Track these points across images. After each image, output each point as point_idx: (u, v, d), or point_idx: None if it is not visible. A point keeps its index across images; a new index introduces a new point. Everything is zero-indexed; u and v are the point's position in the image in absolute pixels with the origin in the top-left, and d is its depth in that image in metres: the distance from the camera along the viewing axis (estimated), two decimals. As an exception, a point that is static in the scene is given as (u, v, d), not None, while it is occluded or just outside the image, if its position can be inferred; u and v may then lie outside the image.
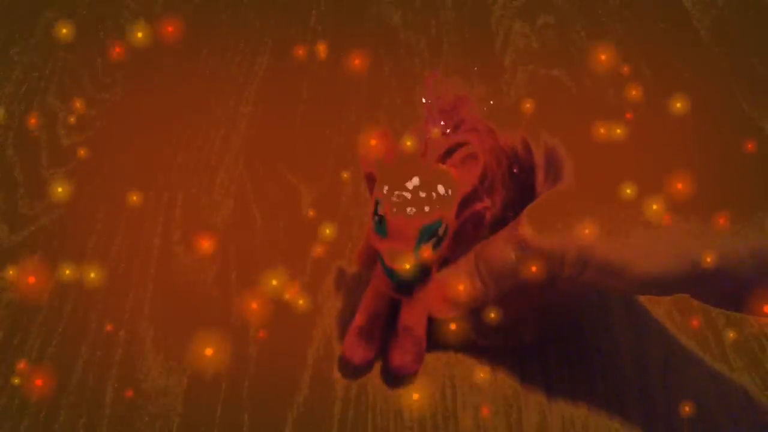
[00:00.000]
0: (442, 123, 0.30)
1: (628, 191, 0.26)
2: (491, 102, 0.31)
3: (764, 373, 0.33)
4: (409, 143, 0.28)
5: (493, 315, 0.30)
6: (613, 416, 0.32)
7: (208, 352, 0.32)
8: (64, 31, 0.47)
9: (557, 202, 0.28)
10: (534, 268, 0.27)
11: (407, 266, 0.28)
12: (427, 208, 0.27)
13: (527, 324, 0.33)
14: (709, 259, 0.24)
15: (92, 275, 0.35)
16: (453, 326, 0.31)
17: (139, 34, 0.38)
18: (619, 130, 0.28)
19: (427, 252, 0.28)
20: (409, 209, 0.27)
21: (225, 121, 0.46)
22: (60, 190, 0.37)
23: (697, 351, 0.34)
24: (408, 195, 0.27)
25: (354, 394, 0.33)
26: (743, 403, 0.32)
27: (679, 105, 0.30)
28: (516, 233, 0.28)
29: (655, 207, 0.26)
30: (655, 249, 0.25)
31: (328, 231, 0.35)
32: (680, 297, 0.36)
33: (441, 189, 0.27)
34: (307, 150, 0.44)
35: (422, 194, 0.27)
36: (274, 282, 0.35)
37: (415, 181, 0.27)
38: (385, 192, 0.27)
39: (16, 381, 0.33)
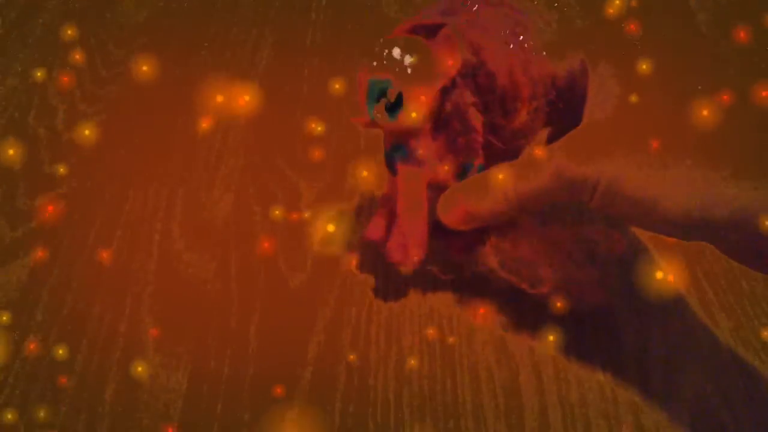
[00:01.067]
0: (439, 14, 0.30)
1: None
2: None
3: (765, 369, 0.33)
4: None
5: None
6: (614, 413, 0.32)
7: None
8: (69, 32, 0.47)
9: (597, 132, 0.28)
10: (564, 192, 0.27)
11: (366, 121, 0.29)
12: (375, 63, 0.28)
13: (546, 269, 0.32)
14: (736, 208, 0.24)
15: (86, 132, 0.35)
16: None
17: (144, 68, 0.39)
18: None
19: (380, 113, 0.29)
20: (363, 59, 0.29)
21: (225, 116, 0.46)
22: (87, 132, 0.37)
23: (698, 347, 0.34)
24: (374, 48, 0.29)
25: (355, 389, 0.33)
26: (745, 398, 0.32)
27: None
28: (550, 157, 0.27)
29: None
30: (688, 190, 0.25)
31: (320, 128, 0.36)
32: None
33: (396, 51, 0.28)
34: (307, 145, 0.44)
35: (377, 49, 0.29)
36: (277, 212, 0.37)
37: (381, 40, 0.29)
38: None
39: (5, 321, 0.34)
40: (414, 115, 0.29)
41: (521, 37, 0.30)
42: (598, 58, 0.30)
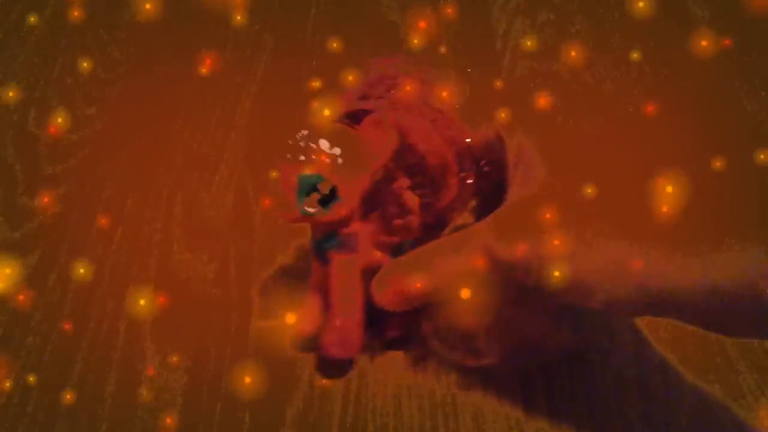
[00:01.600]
0: (363, 95, 0.30)
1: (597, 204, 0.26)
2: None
3: (765, 370, 0.33)
4: (326, 111, 0.29)
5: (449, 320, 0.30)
6: (614, 420, 0.32)
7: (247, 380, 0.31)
8: (76, 13, 0.47)
9: (525, 210, 0.27)
10: (494, 274, 0.26)
11: (292, 216, 0.28)
12: (302, 157, 0.27)
13: (485, 341, 0.32)
14: (662, 288, 0.24)
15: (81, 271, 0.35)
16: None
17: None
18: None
19: (313, 207, 0.28)
20: (288, 155, 0.28)
21: (225, 117, 0.46)
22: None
23: (698, 351, 0.34)
24: (291, 142, 0.28)
25: (354, 391, 0.33)
26: (748, 398, 0.32)
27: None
28: (480, 238, 0.27)
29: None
30: (619, 274, 0.24)
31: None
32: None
33: (324, 144, 0.28)
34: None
35: (302, 144, 0.28)
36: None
37: (304, 132, 0.28)
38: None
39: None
40: (347, 204, 0.28)
41: (444, 111, 0.30)
42: (513, 127, 0.29)
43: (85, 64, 0.49)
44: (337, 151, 0.28)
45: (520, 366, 0.32)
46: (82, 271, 0.34)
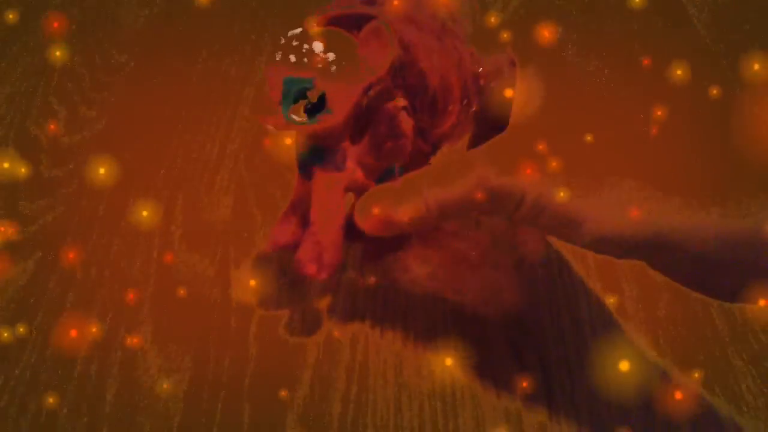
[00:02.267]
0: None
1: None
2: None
3: (764, 370, 0.33)
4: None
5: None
6: (615, 421, 0.32)
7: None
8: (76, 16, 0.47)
9: (523, 139, 0.26)
10: (487, 203, 0.26)
11: (280, 122, 0.26)
12: (293, 57, 0.26)
13: (470, 275, 0.30)
14: (665, 226, 0.24)
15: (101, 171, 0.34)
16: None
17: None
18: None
19: (299, 116, 0.26)
20: (278, 54, 0.26)
21: (225, 120, 0.46)
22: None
23: (698, 351, 0.34)
24: (282, 40, 0.26)
25: (354, 392, 0.33)
26: (747, 398, 0.32)
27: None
28: (475, 167, 0.26)
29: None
30: (617, 209, 0.24)
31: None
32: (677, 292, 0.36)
33: (318, 47, 0.26)
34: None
35: (295, 43, 0.26)
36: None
37: (298, 30, 0.26)
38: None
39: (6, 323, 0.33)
40: (335, 116, 0.26)
41: (454, 31, 0.28)
42: (529, 58, 0.28)
43: (84, 67, 0.49)
44: (331, 56, 0.26)
45: (480, 312, 0.30)
46: (102, 171, 0.32)
